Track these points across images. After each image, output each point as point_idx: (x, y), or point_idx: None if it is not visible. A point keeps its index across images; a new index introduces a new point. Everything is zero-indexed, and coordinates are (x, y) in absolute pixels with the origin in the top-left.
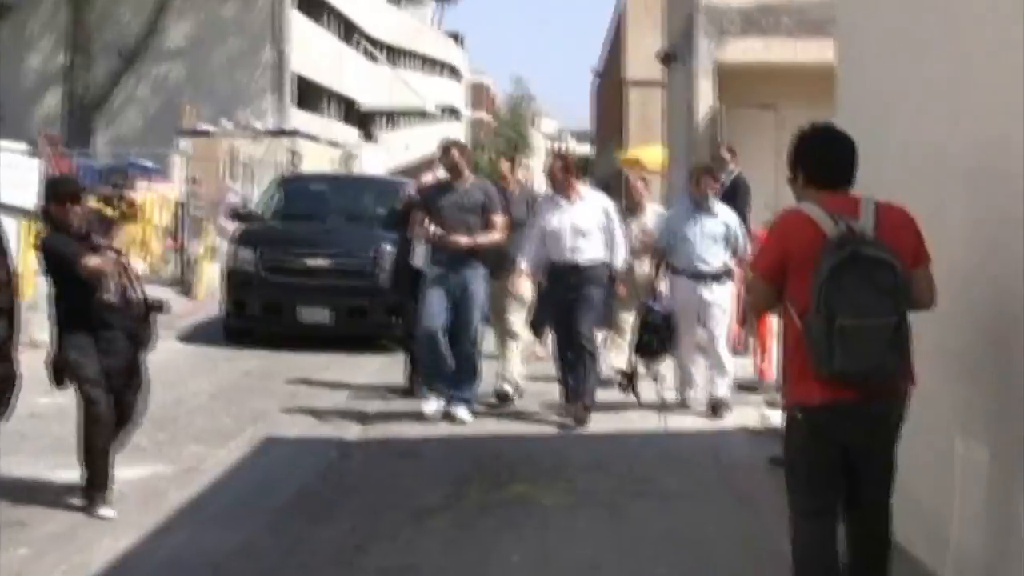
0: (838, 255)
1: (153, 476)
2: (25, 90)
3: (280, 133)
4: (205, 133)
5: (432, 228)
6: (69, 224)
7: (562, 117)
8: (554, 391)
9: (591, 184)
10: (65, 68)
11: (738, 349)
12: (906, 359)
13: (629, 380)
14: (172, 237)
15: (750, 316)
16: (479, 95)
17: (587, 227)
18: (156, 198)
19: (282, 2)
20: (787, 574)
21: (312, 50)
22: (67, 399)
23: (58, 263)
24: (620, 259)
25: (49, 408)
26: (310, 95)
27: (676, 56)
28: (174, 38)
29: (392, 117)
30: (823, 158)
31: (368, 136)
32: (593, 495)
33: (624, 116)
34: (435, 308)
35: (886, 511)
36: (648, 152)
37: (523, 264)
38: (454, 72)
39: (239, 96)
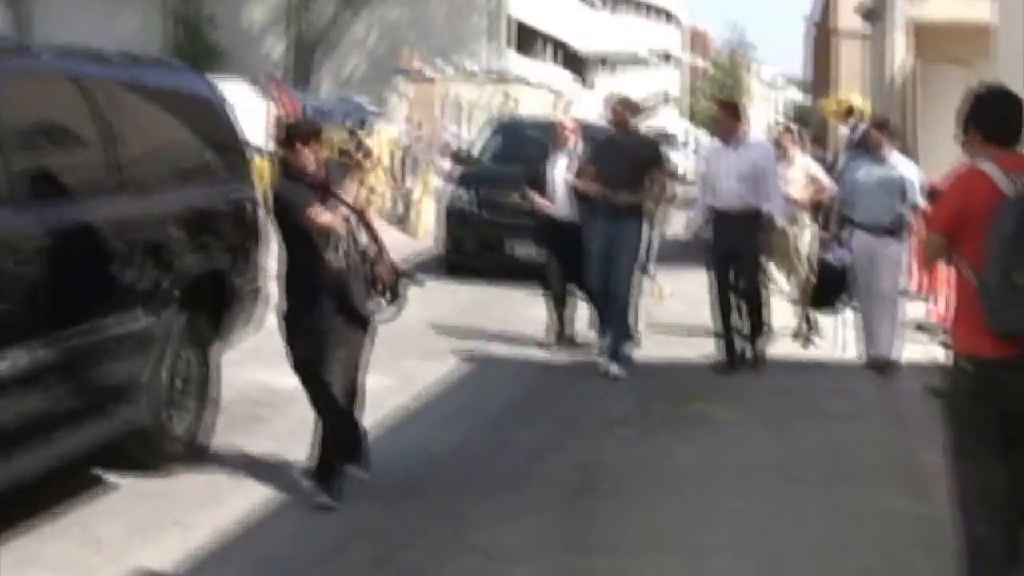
0: (1016, 213)
1: (375, 385)
2: (248, 32)
3: (497, 77)
4: (424, 76)
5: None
6: (303, 169)
7: (780, 64)
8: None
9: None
10: (289, 9)
11: (917, 293)
12: None
13: (807, 332)
14: (393, 177)
15: (923, 267)
16: (696, 40)
17: (745, 173)
18: (383, 140)
19: None
20: (922, 477)
21: None
22: None
23: (284, 212)
24: (772, 207)
25: None
26: (527, 39)
27: (875, 11)
28: None
29: (609, 62)
30: (996, 116)
31: (584, 81)
32: (761, 413)
33: (834, 66)
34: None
35: None
36: (855, 97)
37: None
38: (671, 17)
39: (458, 40)
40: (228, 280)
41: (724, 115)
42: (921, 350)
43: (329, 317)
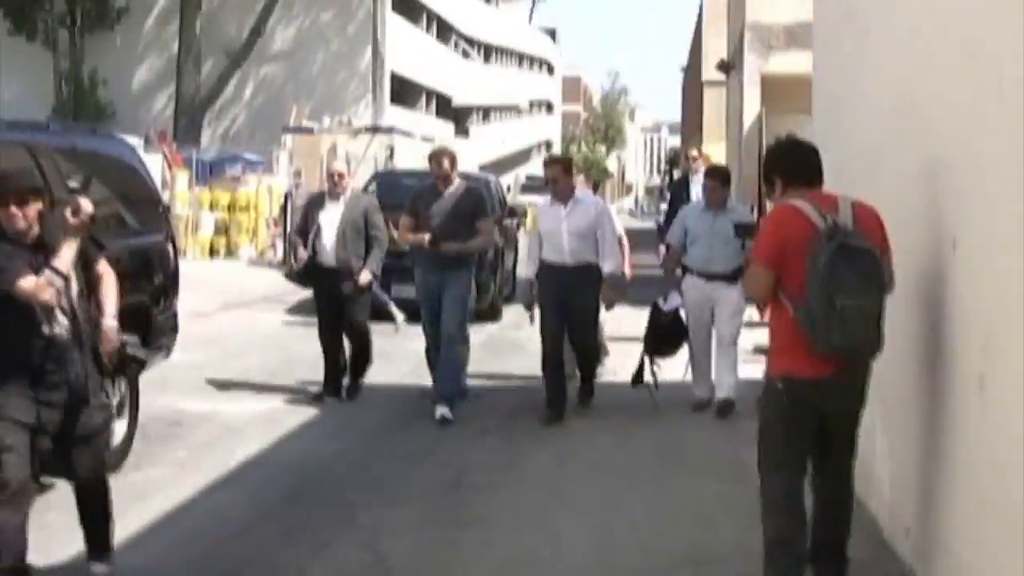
0: (831, 245)
1: (270, 409)
2: (137, 91)
3: (376, 130)
4: (308, 130)
5: (424, 236)
6: (16, 229)
7: (658, 110)
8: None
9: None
10: (177, 68)
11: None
12: (882, 336)
13: (639, 377)
14: (274, 223)
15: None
16: (573, 89)
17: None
18: (264, 189)
19: (381, 6)
20: (743, 468)
21: (408, 50)
22: None
23: None
24: (609, 264)
25: None
26: (406, 92)
27: (732, 65)
28: (278, 42)
29: (486, 112)
30: (797, 161)
31: (462, 131)
32: (610, 422)
33: (703, 112)
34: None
35: (851, 472)
36: (714, 149)
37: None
38: (548, 67)
39: (338, 95)
40: (151, 311)
41: (555, 172)
42: (759, 369)
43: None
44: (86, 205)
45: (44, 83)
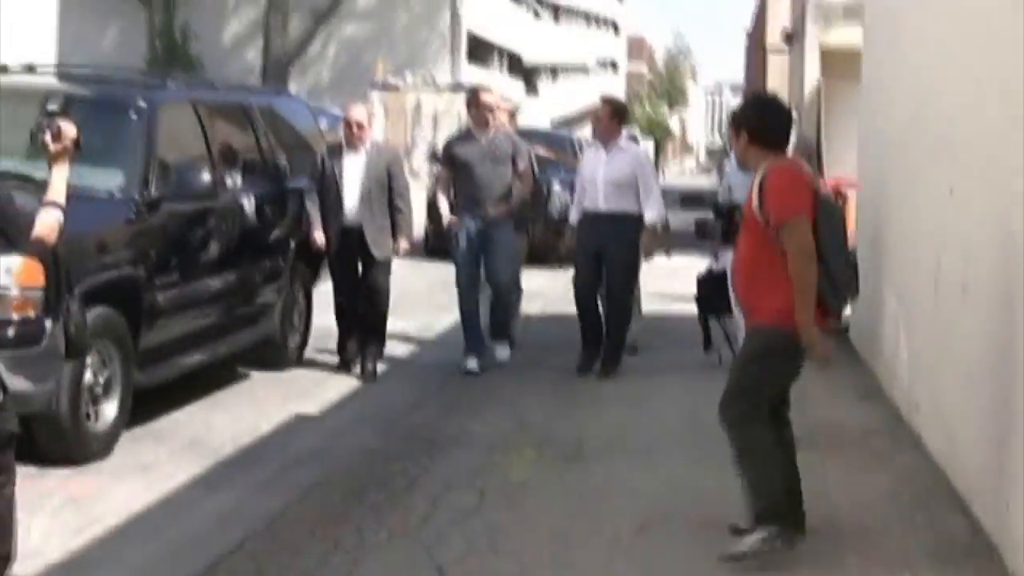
0: (825, 207)
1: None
2: (226, 46)
3: (459, 87)
4: (394, 87)
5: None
6: None
7: (720, 71)
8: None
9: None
10: (265, 24)
11: None
12: None
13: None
14: None
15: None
16: (637, 48)
17: (620, 177)
18: None
19: None
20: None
21: (483, 9)
22: None
23: None
24: (653, 213)
25: None
26: (481, 51)
27: (794, 36)
28: (361, 2)
29: (554, 70)
30: (776, 123)
31: (532, 89)
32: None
33: (766, 76)
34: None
35: None
36: None
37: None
38: (614, 26)
39: (418, 53)
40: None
41: (599, 111)
42: None
43: None
44: (68, 128)
45: (139, 37)
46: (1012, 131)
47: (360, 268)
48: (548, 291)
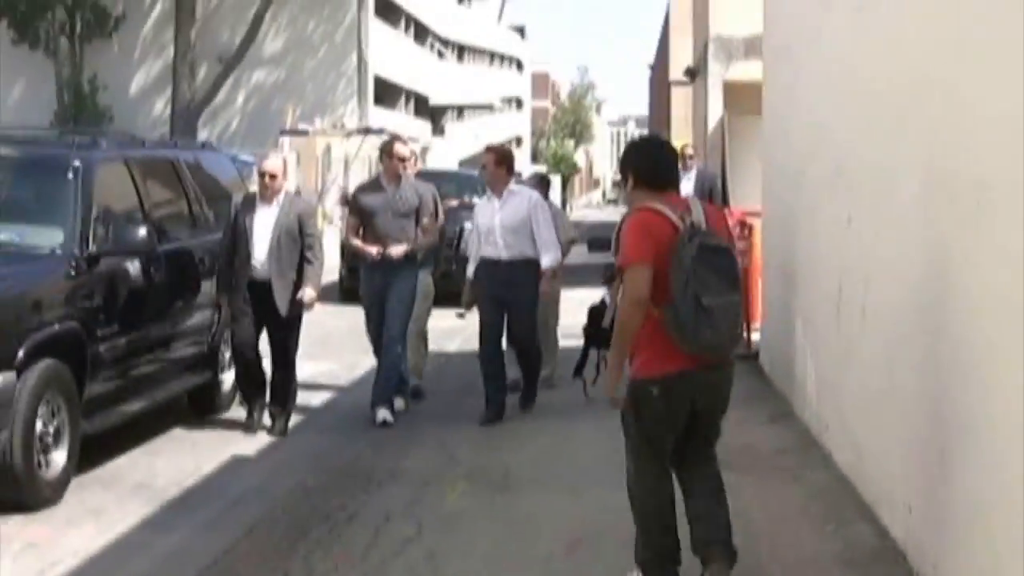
0: (692, 244)
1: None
2: (134, 96)
3: (368, 131)
4: (303, 132)
5: (372, 250)
6: None
7: (625, 105)
8: None
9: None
10: (173, 74)
11: None
12: (743, 331)
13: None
14: None
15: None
16: (542, 85)
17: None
18: None
19: (364, 12)
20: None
21: (389, 53)
22: None
23: None
24: (548, 259)
25: None
26: (387, 93)
27: (697, 72)
28: (269, 48)
29: (460, 110)
30: (655, 163)
31: (438, 129)
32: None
33: (669, 110)
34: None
35: (715, 456)
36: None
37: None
38: (518, 64)
39: (326, 98)
40: None
41: (484, 159)
42: None
43: None
44: None
45: (46, 89)
46: (902, 161)
47: (267, 324)
48: (466, 328)
